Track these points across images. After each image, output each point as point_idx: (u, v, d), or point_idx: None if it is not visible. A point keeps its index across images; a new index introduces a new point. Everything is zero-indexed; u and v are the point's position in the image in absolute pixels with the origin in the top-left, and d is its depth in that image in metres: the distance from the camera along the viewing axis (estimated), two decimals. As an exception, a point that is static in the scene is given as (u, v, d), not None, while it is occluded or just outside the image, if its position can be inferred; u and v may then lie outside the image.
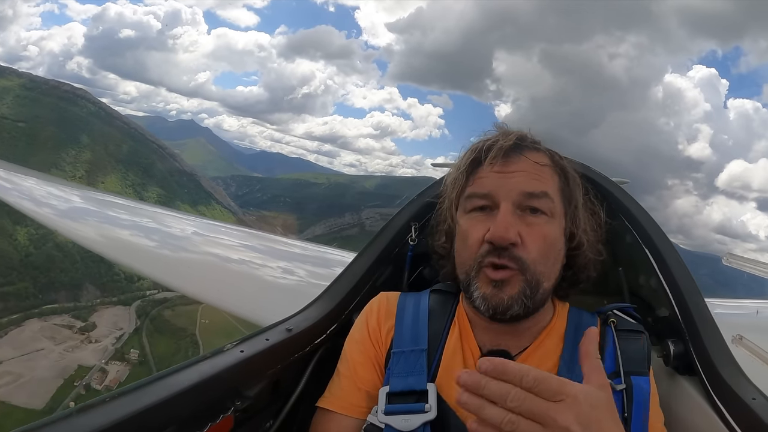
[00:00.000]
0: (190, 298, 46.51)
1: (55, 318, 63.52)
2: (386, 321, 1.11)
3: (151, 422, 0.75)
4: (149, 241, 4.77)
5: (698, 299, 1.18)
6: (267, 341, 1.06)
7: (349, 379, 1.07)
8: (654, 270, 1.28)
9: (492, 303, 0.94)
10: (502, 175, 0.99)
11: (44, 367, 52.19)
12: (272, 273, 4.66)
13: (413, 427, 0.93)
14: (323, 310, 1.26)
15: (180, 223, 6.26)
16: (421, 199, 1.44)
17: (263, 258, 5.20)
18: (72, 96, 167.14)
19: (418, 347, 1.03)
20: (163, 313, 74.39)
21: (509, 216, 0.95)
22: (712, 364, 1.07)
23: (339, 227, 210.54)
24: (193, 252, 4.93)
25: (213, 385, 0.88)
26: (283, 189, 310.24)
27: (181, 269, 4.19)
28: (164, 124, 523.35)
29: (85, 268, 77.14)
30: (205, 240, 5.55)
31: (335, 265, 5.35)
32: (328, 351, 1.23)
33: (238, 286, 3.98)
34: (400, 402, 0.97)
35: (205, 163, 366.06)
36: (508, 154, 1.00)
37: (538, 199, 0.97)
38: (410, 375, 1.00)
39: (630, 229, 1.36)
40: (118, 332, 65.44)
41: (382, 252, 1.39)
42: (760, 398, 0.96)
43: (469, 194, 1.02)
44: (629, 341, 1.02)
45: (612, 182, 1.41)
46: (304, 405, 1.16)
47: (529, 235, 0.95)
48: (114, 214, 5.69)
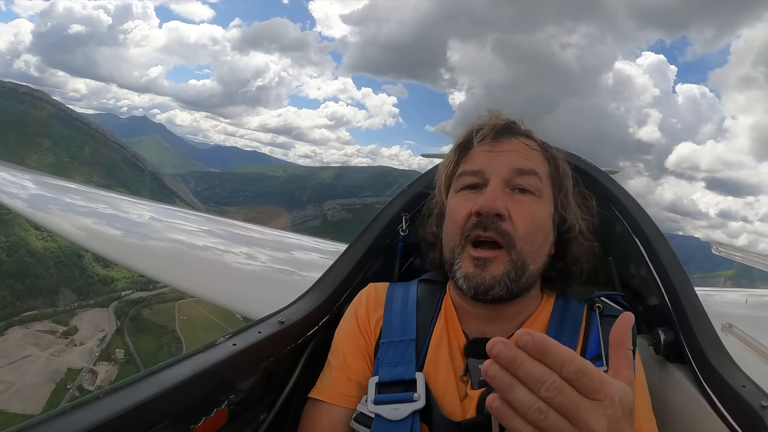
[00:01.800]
0: (165, 296, 50.56)
1: (36, 324, 63.62)
2: (375, 311, 1.11)
3: (145, 417, 0.75)
4: (138, 235, 4.73)
5: (688, 288, 1.18)
6: (259, 334, 1.05)
7: (339, 370, 1.06)
8: (644, 259, 1.28)
9: (473, 282, 0.94)
10: (492, 154, 1.01)
11: (34, 373, 52.97)
12: (258, 263, 4.64)
13: (402, 416, 0.93)
14: (315, 301, 1.25)
15: (166, 215, 6.20)
16: (411, 189, 1.45)
17: (249, 249, 5.12)
18: (31, 98, 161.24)
19: (407, 337, 1.04)
20: (142, 312, 75.51)
21: (498, 189, 0.96)
22: (702, 352, 1.07)
23: (302, 219, 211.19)
24: (180, 244, 4.77)
25: (206, 379, 0.87)
26: (242, 183, 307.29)
27: (170, 263, 4.11)
28: (117, 121, 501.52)
29: (59, 273, 76.99)
30: (188, 232, 5.37)
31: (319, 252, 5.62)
32: (321, 342, 1.22)
33: (227, 277, 3.95)
34: (389, 391, 0.97)
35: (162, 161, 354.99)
36: (498, 135, 1.02)
37: (527, 176, 0.98)
38: (399, 365, 1.00)
39: (620, 219, 1.36)
40: (101, 334, 66.30)
41: (373, 243, 1.39)
42: (749, 385, 0.96)
43: (460, 172, 1.03)
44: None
45: (602, 172, 1.43)
46: (297, 397, 1.15)
47: (516, 211, 0.95)
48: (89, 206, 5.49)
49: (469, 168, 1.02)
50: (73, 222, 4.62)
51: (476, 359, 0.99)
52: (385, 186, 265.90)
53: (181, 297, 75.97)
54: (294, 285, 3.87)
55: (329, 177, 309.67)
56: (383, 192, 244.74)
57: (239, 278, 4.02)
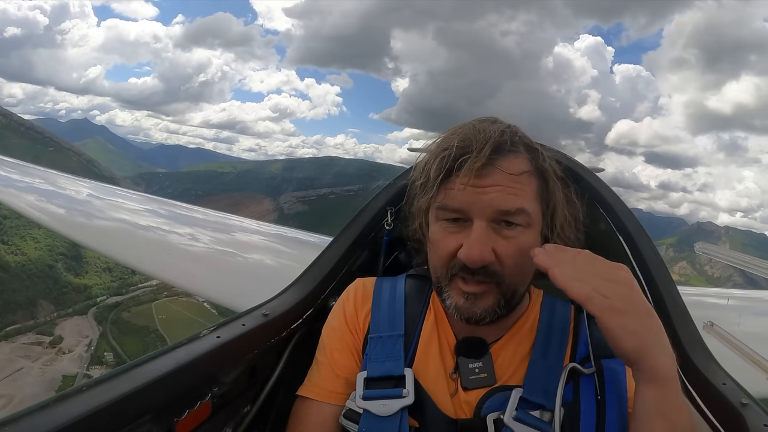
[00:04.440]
0: (140, 299, 55.80)
1: (21, 337, 63.73)
2: (363, 306, 1.10)
3: (128, 410, 0.74)
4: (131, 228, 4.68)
5: (671, 287, 1.19)
6: (243, 326, 1.04)
7: (327, 367, 1.05)
8: (627, 257, 1.28)
9: (465, 314, 0.94)
10: (475, 190, 0.91)
11: (31, 384, 53.63)
12: (243, 256, 4.65)
13: (391, 412, 0.92)
14: (299, 294, 1.24)
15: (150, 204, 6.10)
16: (397, 183, 1.42)
17: (231, 242, 5.14)
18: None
19: (395, 332, 1.03)
20: (121, 315, 76.47)
21: (483, 236, 0.90)
22: (683, 350, 1.07)
23: (259, 214, 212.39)
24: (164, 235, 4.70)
25: (190, 372, 0.87)
26: (193, 181, 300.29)
27: (158, 257, 4.07)
28: (57, 126, 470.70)
29: (34, 285, 76.52)
30: (170, 223, 5.29)
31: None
32: (305, 336, 1.22)
33: (212, 270, 3.93)
34: (378, 387, 0.96)
35: (109, 164, 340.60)
36: (481, 170, 0.91)
37: (513, 216, 0.93)
38: (387, 360, 0.99)
39: (604, 217, 1.36)
40: (86, 340, 67.30)
41: (358, 236, 1.38)
42: (730, 383, 0.97)
43: (440, 205, 0.96)
44: None
45: (587, 170, 1.41)
46: (281, 390, 1.15)
47: (504, 250, 0.92)
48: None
49: (450, 204, 0.94)
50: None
51: (467, 358, 0.99)
52: (334, 176, 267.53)
53: (155, 298, 78.50)
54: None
55: (278, 170, 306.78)
56: (335, 182, 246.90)
57: (219, 269, 4.06)
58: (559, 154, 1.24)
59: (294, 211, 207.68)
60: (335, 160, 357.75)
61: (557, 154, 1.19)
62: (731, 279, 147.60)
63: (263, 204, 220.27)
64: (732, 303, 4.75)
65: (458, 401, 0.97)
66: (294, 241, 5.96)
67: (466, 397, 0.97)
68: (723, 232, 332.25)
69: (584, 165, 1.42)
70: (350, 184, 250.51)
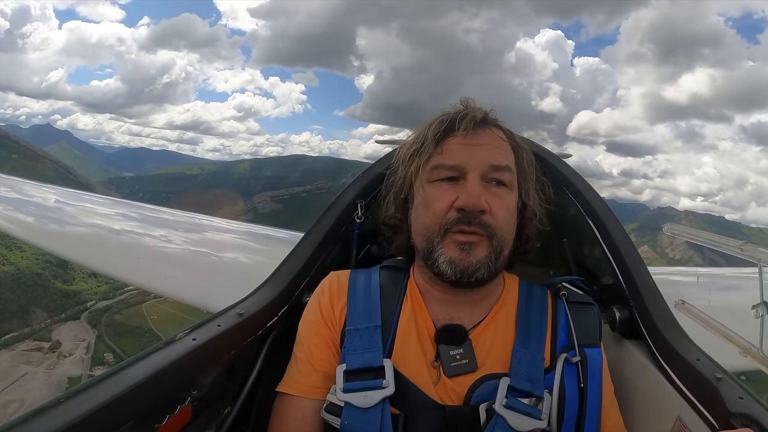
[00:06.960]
0: (129, 301, 59.35)
1: (21, 345, 64.23)
2: (338, 299, 1.10)
3: (108, 419, 0.72)
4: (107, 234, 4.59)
5: (641, 267, 1.20)
6: (219, 327, 1.03)
7: (305, 362, 1.05)
8: (598, 240, 1.30)
9: (459, 266, 0.95)
10: (470, 147, 0.99)
11: (39, 388, 54.09)
12: (217, 255, 4.61)
13: (372, 403, 0.92)
14: (273, 292, 1.23)
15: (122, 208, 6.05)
16: (366, 176, 1.43)
17: (201, 241, 5.08)
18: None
19: (372, 324, 1.02)
20: (114, 318, 77.10)
21: (478, 185, 0.96)
22: (656, 328, 1.09)
23: (234, 214, 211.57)
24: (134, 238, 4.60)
25: (168, 376, 0.85)
26: (162, 184, 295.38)
27: (127, 261, 3.95)
28: (20, 132, 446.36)
29: (25, 294, 76.79)
30: (142, 226, 5.13)
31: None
32: (281, 333, 1.22)
33: (183, 271, 3.87)
34: (358, 379, 0.95)
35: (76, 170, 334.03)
36: (476, 127, 1.01)
37: (503, 172, 0.99)
38: (366, 352, 0.99)
39: (574, 202, 1.38)
40: (84, 343, 68.03)
41: (329, 231, 1.37)
42: (703, 358, 0.99)
43: (436, 165, 1.01)
44: (581, 313, 1.04)
45: (556, 156, 1.44)
46: (260, 388, 1.15)
47: (495, 204, 0.96)
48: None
49: (446, 162, 1.00)
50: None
51: (447, 346, 0.99)
52: (302, 174, 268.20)
53: (144, 300, 79.74)
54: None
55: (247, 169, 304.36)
56: (304, 180, 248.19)
57: (191, 269, 3.99)
58: (528, 141, 1.25)
59: (268, 210, 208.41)
60: (302, 158, 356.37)
61: (526, 140, 1.20)
62: (692, 260, 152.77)
63: (238, 204, 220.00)
64: (700, 281, 4.90)
65: (443, 388, 0.97)
66: (265, 237, 5.91)
67: (451, 384, 0.97)
68: (683, 216, 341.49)
69: (552, 152, 1.46)
70: (318, 180, 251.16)
